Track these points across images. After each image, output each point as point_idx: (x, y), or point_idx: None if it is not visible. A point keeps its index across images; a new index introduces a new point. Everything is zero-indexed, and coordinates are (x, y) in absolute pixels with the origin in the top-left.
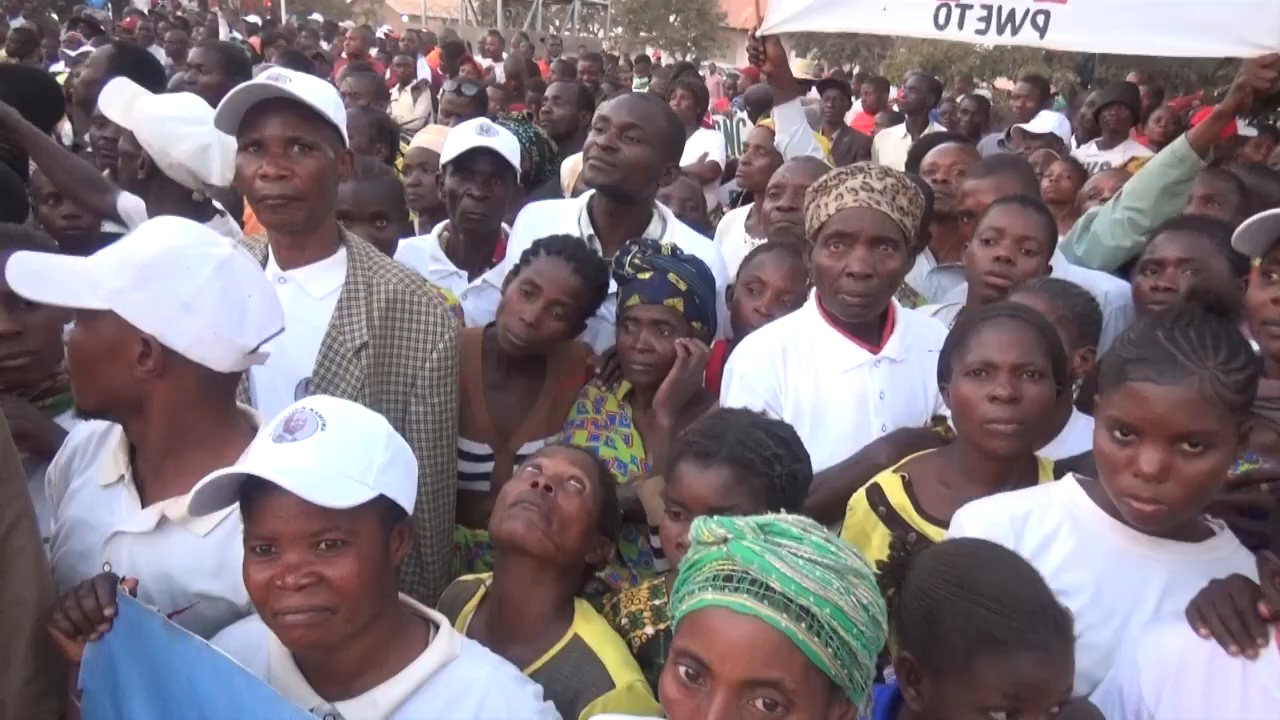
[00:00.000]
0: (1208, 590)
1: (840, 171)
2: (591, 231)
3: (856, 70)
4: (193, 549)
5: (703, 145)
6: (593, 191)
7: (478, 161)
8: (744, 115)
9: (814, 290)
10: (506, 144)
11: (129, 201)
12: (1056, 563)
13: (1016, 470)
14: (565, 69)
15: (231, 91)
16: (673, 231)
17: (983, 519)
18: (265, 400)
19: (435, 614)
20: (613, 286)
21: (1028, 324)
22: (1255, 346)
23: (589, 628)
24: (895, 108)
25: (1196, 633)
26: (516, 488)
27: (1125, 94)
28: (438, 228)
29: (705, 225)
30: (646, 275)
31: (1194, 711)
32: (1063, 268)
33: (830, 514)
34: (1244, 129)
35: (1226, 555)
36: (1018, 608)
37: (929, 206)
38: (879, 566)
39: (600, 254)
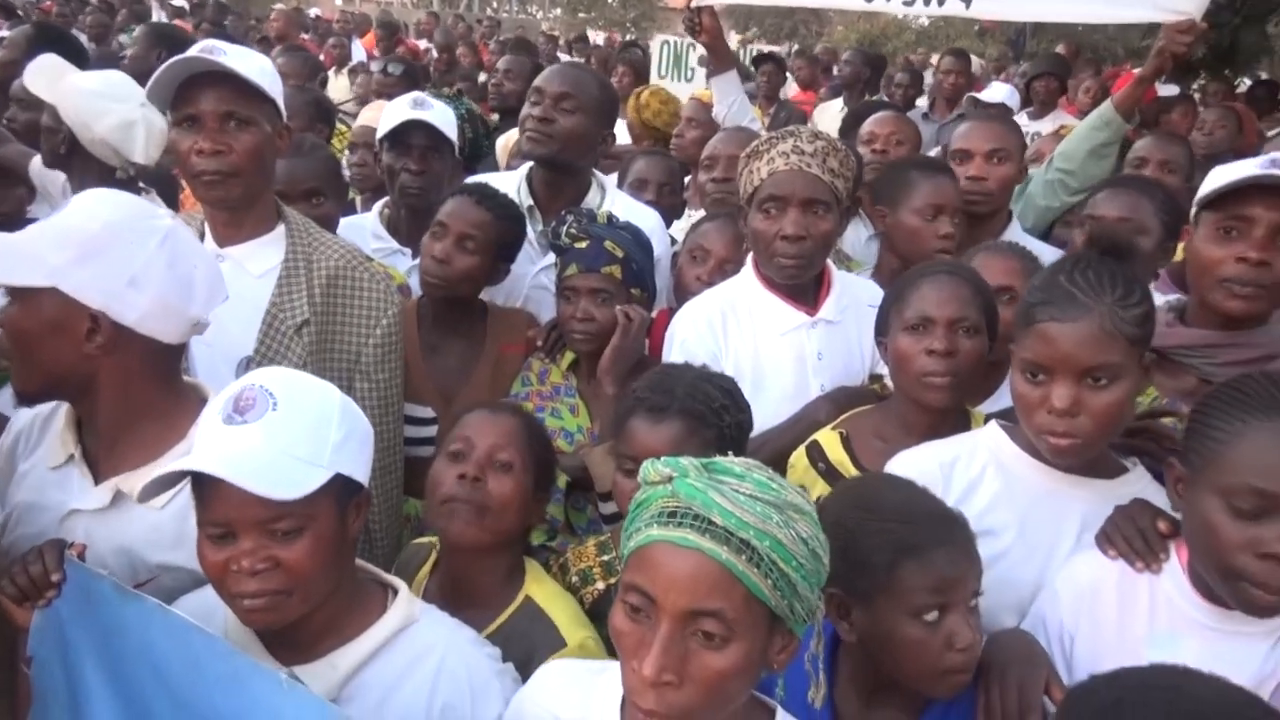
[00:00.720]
0: (1113, 516)
1: (772, 136)
2: (531, 203)
3: (795, 48)
4: (151, 522)
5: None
6: (531, 163)
7: (413, 136)
8: None
9: (750, 255)
10: (441, 117)
11: (48, 176)
12: (983, 504)
13: (949, 422)
14: (518, 45)
15: (164, 64)
16: (612, 200)
17: (913, 466)
18: (206, 380)
19: (393, 579)
20: (551, 258)
21: (964, 280)
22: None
23: (540, 589)
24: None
25: (1105, 556)
26: (445, 478)
27: (1054, 65)
28: (378, 205)
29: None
30: (583, 244)
31: (1109, 626)
32: (1018, 235)
33: None
34: (1163, 90)
35: (1140, 489)
36: (921, 516)
37: (859, 174)
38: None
39: (540, 226)
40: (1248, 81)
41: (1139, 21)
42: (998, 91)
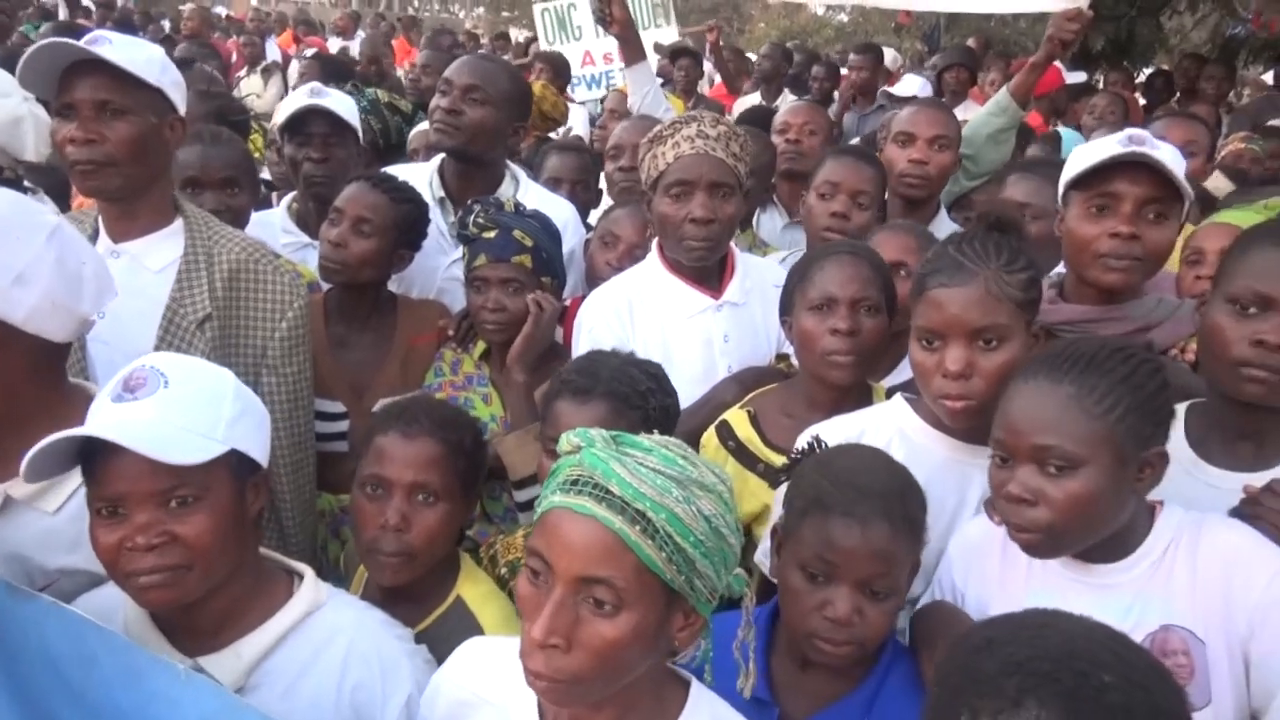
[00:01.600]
0: None
1: (674, 121)
2: (443, 194)
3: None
4: (45, 527)
5: (569, 120)
6: (443, 155)
7: (312, 124)
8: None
9: (655, 241)
10: (340, 104)
11: None
12: None
13: (853, 397)
14: (435, 38)
15: (30, 49)
16: (525, 190)
17: (810, 439)
18: (105, 379)
19: (299, 565)
20: (459, 251)
21: (865, 260)
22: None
23: (473, 588)
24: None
25: (991, 520)
26: (367, 522)
27: (964, 57)
28: (286, 199)
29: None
30: (491, 234)
31: (993, 584)
32: (946, 225)
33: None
34: (1071, 78)
35: None
36: (851, 483)
37: (772, 161)
38: (789, 459)
39: (452, 218)
40: (1148, 71)
41: (1029, 11)
42: (911, 84)
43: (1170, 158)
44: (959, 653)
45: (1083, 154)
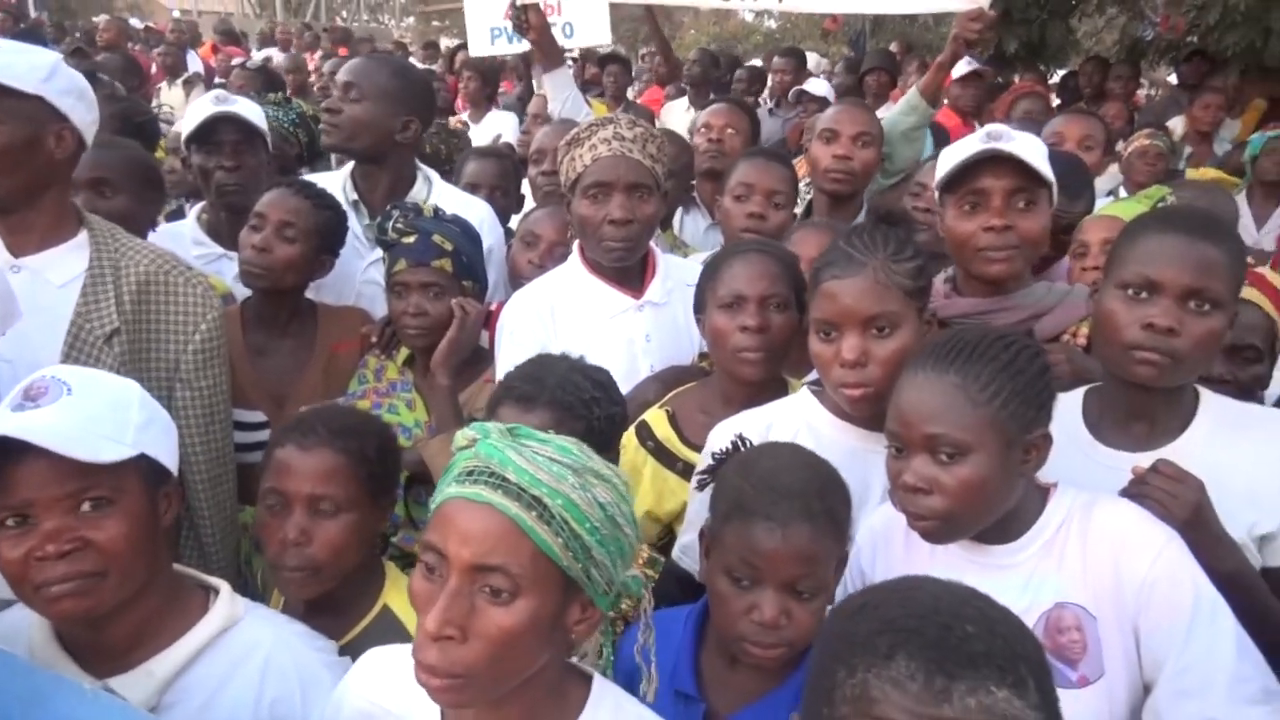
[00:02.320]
0: None
1: (591, 124)
2: (355, 198)
3: (650, 50)
4: None
5: (496, 126)
6: (353, 161)
7: (221, 131)
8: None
9: (576, 243)
10: (248, 109)
11: None
12: None
13: (768, 393)
14: (339, 39)
15: None
16: (438, 192)
17: (730, 435)
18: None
19: (214, 580)
20: (379, 252)
21: (773, 258)
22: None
23: (400, 597)
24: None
25: (896, 508)
26: (270, 537)
27: (884, 61)
28: (195, 209)
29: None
30: (411, 239)
31: (897, 570)
32: None
33: (605, 456)
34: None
35: None
36: (771, 485)
37: (690, 163)
38: (712, 458)
39: (366, 221)
40: (1060, 73)
41: (932, 12)
42: (819, 87)
43: (1027, 148)
44: (838, 617)
45: (947, 157)
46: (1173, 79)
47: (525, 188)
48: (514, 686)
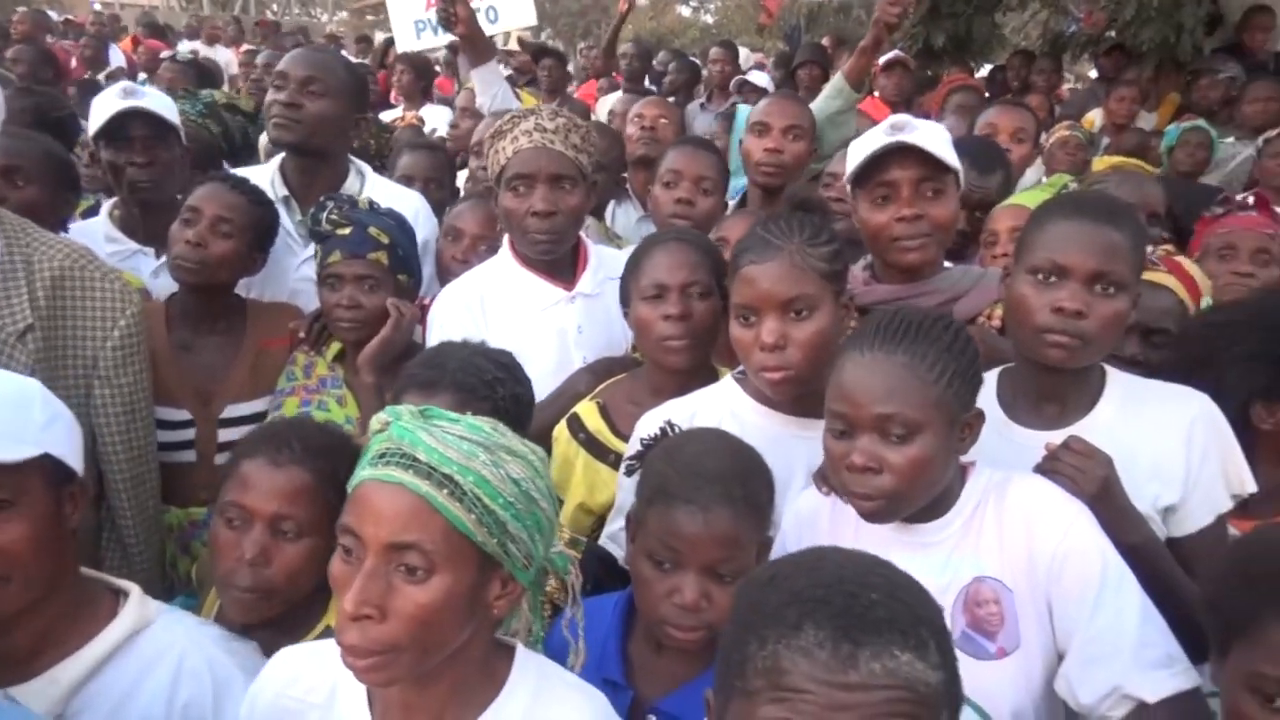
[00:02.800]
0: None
1: (513, 115)
2: (286, 193)
3: (588, 44)
4: None
5: (431, 120)
6: (283, 154)
7: (132, 126)
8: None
9: (507, 236)
10: (159, 103)
11: None
12: None
13: (698, 381)
14: (268, 32)
15: None
16: (371, 186)
17: (656, 424)
18: None
19: (124, 583)
20: (313, 249)
21: (693, 246)
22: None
23: None
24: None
25: (820, 491)
26: (225, 552)
27: (816, 54)
28: (107, 205)
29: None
30: (345, 231)
31: None
32: None
33: (540, 448)
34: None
35: None
36: (693, 470)
37: (622, 156)
38: (641, 444)
39: (299, 217)
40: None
41: None
42: (760, 78)
43: (930, 137)
44: (748, 590)
45: (854, 150)
46: (1094, 73)
47: (460, 180)
48: (439, 662)
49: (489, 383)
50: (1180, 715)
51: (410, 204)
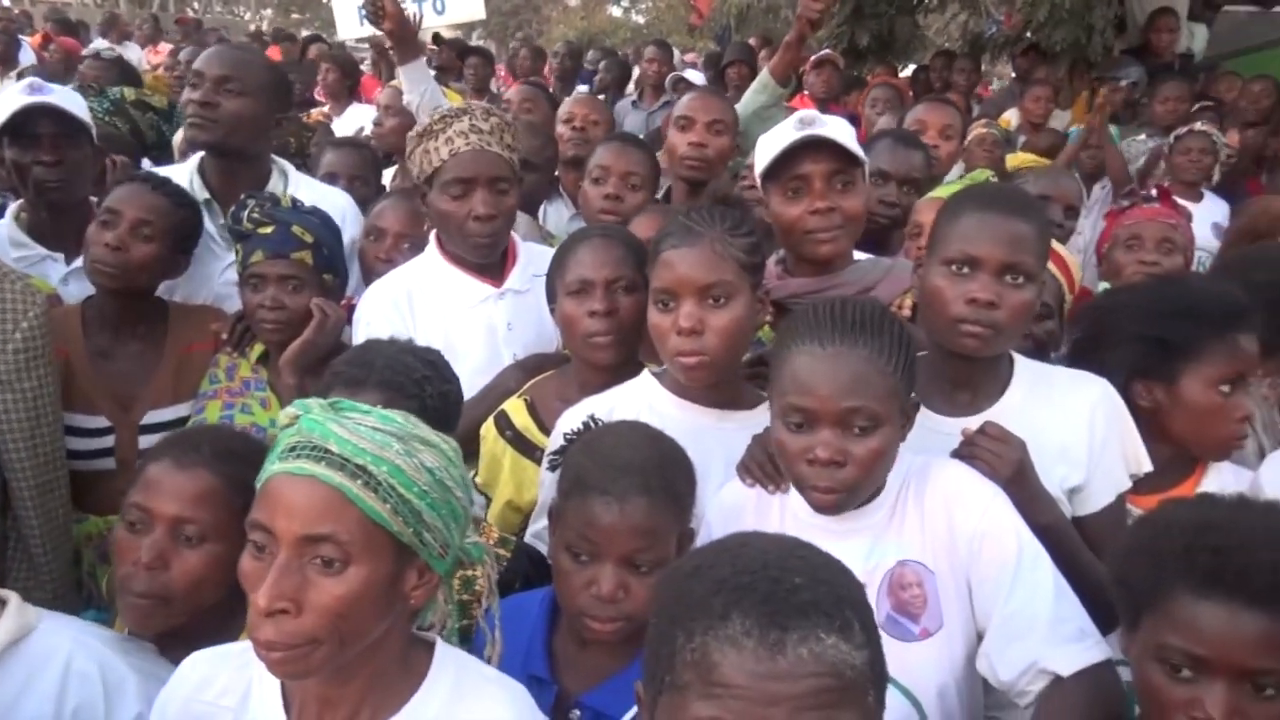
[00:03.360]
0: (749, 446)
1: (445, 115)
2: (207, 195)
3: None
4: None
5: (359, 120)
6: (202, 154)
7: (38, 124)
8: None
9: (434, 233)
10: (68, 100)
11: None
12: None
13: (625, 376)
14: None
15: None
16: (296, 184)
17: (575, 419)
18: None
19: (3, 591)
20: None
21: (618, 241)
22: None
23: None
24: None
25: (744, 483)
26: (123, 556)
27: (743, 53)
28: (12, 208)
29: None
30: (268, 230)
31: None
32: None
33: (469, 447)
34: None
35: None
36: (611, 463)
37: (554, 155)
38: (564, 439)
39: (221, 219)
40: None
41: None
42: (696, 77)
43: (839, 130)
44: (672, 581)
45: (765, 146)
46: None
47: (387, 178)
48: (357, 655)
49: (417, 380)
50: (1093, 685)
51: (337, 203)
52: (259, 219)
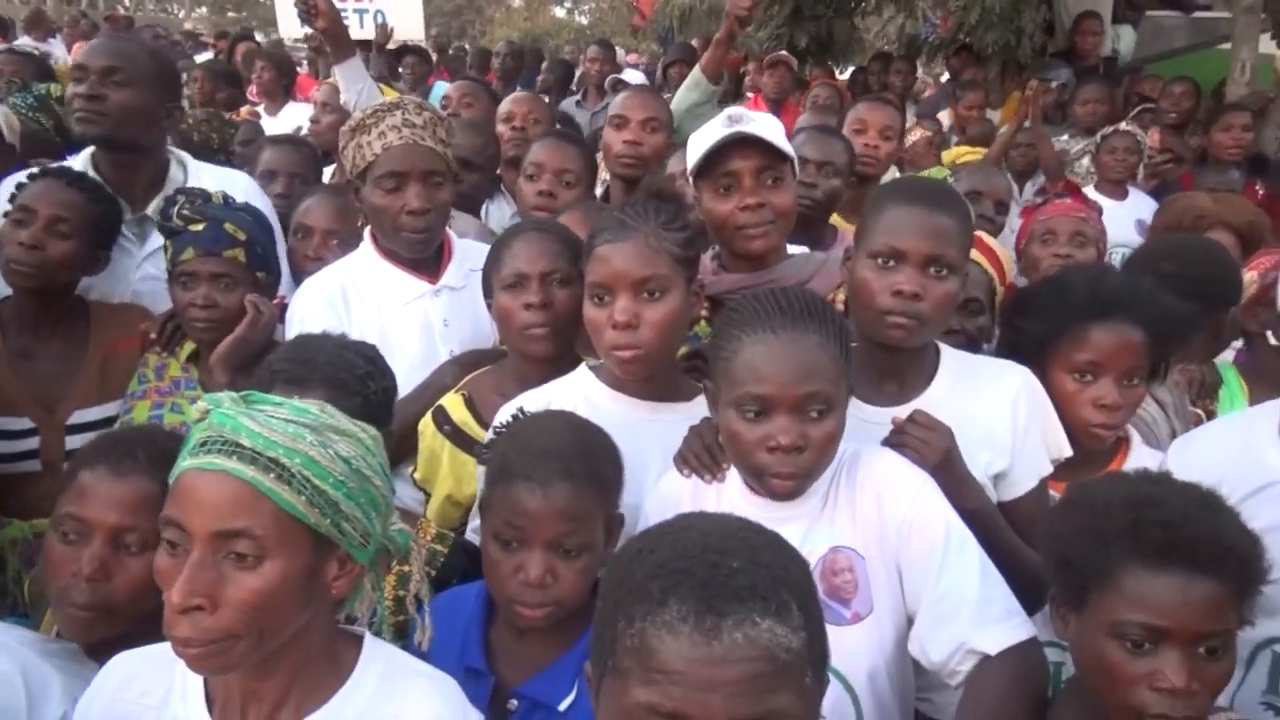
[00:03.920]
0: (685, 437)
1: (377, 109)
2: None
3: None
4: None
5: (295, 119)
6: (93, 148)
7: None
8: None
9: (369, 229)
10: None
11: None
12: None
13: (563, 369)
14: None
15: None
16: (198, 174)
17: (511, 414)
18: None
19: None
20: (152, 245)
21: (552, 235)
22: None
23: None
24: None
25: (681, 474)
26: (59, 568)
27: (685, 53)
28: None
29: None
30: (199, 227)
31: None
32: None
33: (407, 443)
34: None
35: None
36: (532, 450)
37: (497, 154)
38: (494, 432)
39: (129, 215)
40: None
41: None
42: (634, 77)
43: (767, 127)
44: (616, 566)
45: (695, 143)
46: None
47: (326, 176)
48: (278, 648)
49: (360, 377)
50: (1019, 662)
51: (239, 184)
52: (189, 215)
